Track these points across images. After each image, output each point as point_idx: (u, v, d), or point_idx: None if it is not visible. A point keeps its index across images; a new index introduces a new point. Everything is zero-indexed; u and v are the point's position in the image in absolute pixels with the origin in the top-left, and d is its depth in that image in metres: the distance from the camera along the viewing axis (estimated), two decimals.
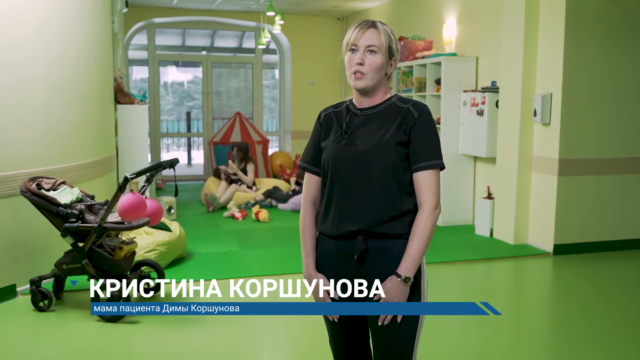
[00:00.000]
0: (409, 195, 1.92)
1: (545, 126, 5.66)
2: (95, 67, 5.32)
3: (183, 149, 14.25)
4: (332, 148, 1.97)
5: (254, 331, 3.90)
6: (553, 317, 4.26)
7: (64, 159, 4.73)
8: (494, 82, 6.36)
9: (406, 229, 1.91)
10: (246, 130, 9.85)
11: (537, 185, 5.80)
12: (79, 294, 4.38)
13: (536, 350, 3.63)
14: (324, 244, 2.03)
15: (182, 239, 5.25)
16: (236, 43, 12.15)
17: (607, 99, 5.63)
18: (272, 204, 7.98)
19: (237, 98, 11.61)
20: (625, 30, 5.60)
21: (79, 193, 4.18)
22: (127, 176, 3.79)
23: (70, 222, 3.86)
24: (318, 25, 11.09)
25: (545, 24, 5.61)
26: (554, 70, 5.51)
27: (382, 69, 1.93)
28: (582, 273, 5.17)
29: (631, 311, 4.23)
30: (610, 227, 5.79)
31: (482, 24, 6.87)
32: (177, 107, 13.17)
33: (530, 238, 5.93)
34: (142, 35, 10.82)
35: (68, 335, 3.73)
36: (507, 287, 5.08)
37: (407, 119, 1.92)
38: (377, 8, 9.73)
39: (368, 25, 1.93)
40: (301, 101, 11.24)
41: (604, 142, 5.67)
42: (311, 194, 2.07)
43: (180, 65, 13.31)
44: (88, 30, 5.14)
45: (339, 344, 2.09)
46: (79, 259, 3.94)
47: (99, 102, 5.42)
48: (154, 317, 3.98)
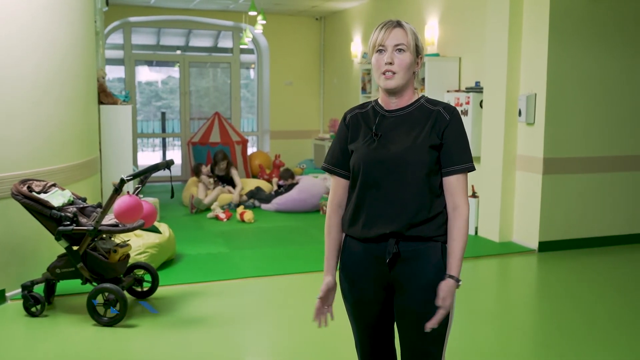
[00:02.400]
0: (437, 198, 1.93)
1: (529, 126, 5.76)
2: (80, 67, 5.23)
3: (157, 149, 14.08)
4: (363, 151, 1.96)
5: (252, 334, 3.89)
6: (538, 313, 4.34)
7: (52, 161, 4.64)
8: (478, 82, 6.45)
9: (436, 232, 1.92)
10: (225, 131, 9.78)
11: (522, 183, 5.90)
12: (71, 298, 4.31)
13: (522, 347, 3.69)
14: (351, 246, 2.02)
15: (171, 240, 5.20)
16: (211, 42, 12.06)
17: (591, 98, 5.75)
18: (255, 205, 7.95)
19: (210, 97, 11.52)
20: (608, 31, 5.73)
21: (71, 195, 4.10)
22: (123, 178, 3.74)
23: (64, 225, 3.79)
24: (296, 25, 11.08)
25: (529, 24, 5.71)
26: (538, 70, 5.61)
27: (411, 67, 1.93)
28: (567, 270, 5.27)
29: (615, 307, 4.33)
30: (593, 224, 5.92)
31: (465, 24, 6.96)
32: (145, 106, 12.99)
33: (515, 236, 6.03)
34: (116, 34, 10.66)
35: (64, 340, 3.66)
36: (492, 284, 5.16)
37: (438, 122, 1.93)
38: (356, 8, 9.77)
39: (394, 25, 1.93)
40: (279, 101, 11.23)
41: (587, 141, 5.79)
42: (337, 197, 2.06)
43: (153, 64, 13.16)
44: (73, 29, 5.05)
45: (365, 346, 2.09)
46: (73, 263, 3.87)
47: (84, 103, 5.32)
48: (150, 320, 3.94)
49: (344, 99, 10.34)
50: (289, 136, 11.32)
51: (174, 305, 4.21)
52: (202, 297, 4.41)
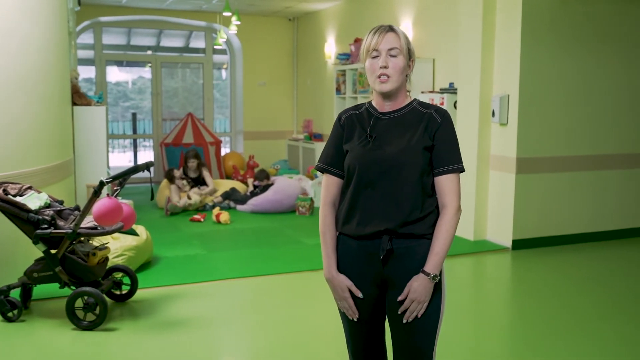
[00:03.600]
0: (429, 197, 1.99)
1: (502, 126, 5.87)
2: (54, 68, 5.15)
3: (128, 150, 13.91)
4: (359, 151, 2.00)
5: (231, 335, 3.89)
6: (513, 309, 4.43)
7: (26, 164, 4.57)
8: (452, 83, 6.54)
9: (429, 229, 1.98)
10: (198, 131, 9.73)
11: (496, 183, 6.01)
12: (48, 302, 4.25)
13: (498, 343, 3.77)
14: (345, 244, 2.06)
15: (149, 243, 5.17)
16: (183, 43, 11.98)
17: (562, 99, 5.89)
18: (231, 206, 7.93)
19: (179, 98, 11.44)
20: (579, 32, 5.87)
21: (47, 198, 4.05)
22: (102, 180, 3.71)
23: (42, 229, 3.74)
24: (269, 26, 11.08)
25: (501, 26, 5.82)
26: (511, 72, 5.72)
27: (404, 71, 1.99)
28: (540, 266, 5.39)
29: (586, 302, 4.45)
30: (565, 221, 6.06)
31: (438, 26, 7.05)
32: (113, 107, 12.83)
33: (489, 234, 6.14)
34: (85, 34, 10.52)
35: (42, 345, 3.61)
36: (467, 282, 5.23)
37: (430, 124, 1.99)
38: (330, 9, 9.81)
39: (386, 29, 1.98)
40: (253, 102, 11.21)
41: (559, 141, 5.93)
42: (331, 196, 2.09)
43: (123, 65, 13.01)
44: (46, 29, 4.98)
45: (357, 343, 2.13)
46: (51, 267, 3.82)
47: (57, 104, 5.25)
48: (130, 323, 3.92)
49: (318, 100, 10.38)
50: (262, 137, 11.31)
51: (153, 308, 4.19)
52: (180, 299, 4.39)
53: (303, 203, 7.58)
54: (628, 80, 6.20)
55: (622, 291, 4.70)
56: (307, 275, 5.01)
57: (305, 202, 7.58)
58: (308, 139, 10.15)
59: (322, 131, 10.12)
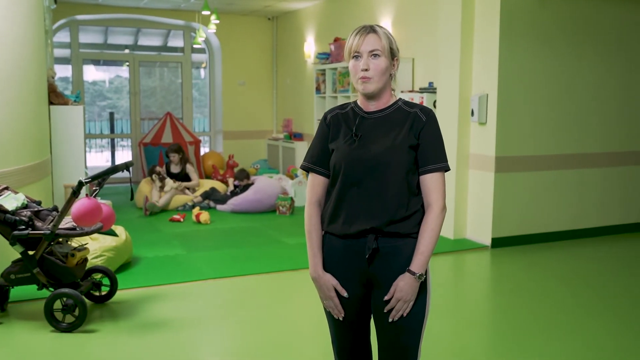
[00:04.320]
0: (415, 196, 1.99)
1: (481, 125, 5.92)
2: (30, 66, 5.07)
3: (105, 150, 13.75)
4: (344, 150, 2.00)
5: (212, 336, 3.87)
6: (492, 307, 4.47)
7: (2, 164, 4.48)
8: (431, 82, 6.58)
9: (414, 228, 1.98)
10: (177, 131, 9.67)
11: (475, 181, 6.06)
12: (25, 304, 4.19)
13: (477, 340, 3.80)
14: (331, 243, 2.05)
15: (128, 243, 5.12)
16: (161, 42, 11.88)
17: (540, 98, 5.96)
18: (211, 206, 7.89)
19: (157, 97, 11.35)
20: (556, 33, 5.94)
21: (24, 199, 3.99)
22: (81, 180, 3.67)
23: (19, 230, 3.68)
24: (248, 25, 11.05)
25: (480, 26, 5.87)
26: (490, 71, 5.78)
27: (387, 71, 1.99)
28: (519, 264, 5.45)
29: (565, 299, 4.51)
30: (544, 220, 6.14)
31: (417, 26, 7.09)
32: (89, 106, 12.68)
33: (468, 232, 6.19)
34: (62, 32, 10.38)
35: (21, 348, 3.55)
36: (447, 280, 5.27)
37: (416, 123, 2.00)
38: (309, 8, 9.80)
39: (367, 30, 1.98)
40: (232, 101, 11.17)
41: (538, 140, 6.00)
42: (317, 195, 2.09)
43: (100, 63, 12.87)
44: (22, 27, 4.90)
45: (342, 342, 2.13)
46: (29, 268, 3.77)
47: (34, 103, 5.17)
48: (110, 325, 3.87)
49: (297, 99, 10.37)
50: (242, 136, 11.27)
51: (134, 309, 4.15)
52: (161, 300, 4.36)
53: (283, 202, 7.57)
54: (608, 79, 6.29)
55: (603, 288, 4.77)
56: (288, 275, 5.00)
57: (285, 202, 7.56)
58: (288, 138, 10.14)
59: (302, 130, 10.12)
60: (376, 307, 2.03)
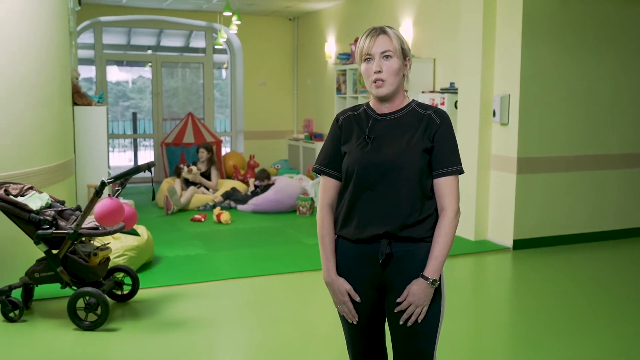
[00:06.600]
0: (428, 200, 1.97)
1: (503, 126, 5.87)
2: (55, 68, 5.15)
3: (128, 150, 13.89)
4: (357, 153, 1.98)
5: (232, 335, 3.89)
6: (514, 309, 4.43)
7: (27, 164, 4.56)
8: (452, 83, 6.54)
9: (428, 232, 1.96)
10: (199, 131, 9.74)
11: (496, 183, 6.00)
12: (49, 302, 4.25)
13: (499, 342, 3.77)
14: (344, 247, 2.04)
15: (150, 243, 5.17)
16: (183, 42, 11.97)
17: (563, 99, 5.89)
18: (231, 206, 7.93)
19: (179, 98, 11.43)
20: (579, 32, 5.87)
21: (49, 198, 4.05)
22: (104, 180, 3.71)
23: (43, 229, 3.74)
24: (269, 26, 11.08)
25: (502, 26, 5.82)
26: (512, 72, 5.72)
27: (399, 72, 1.96)
28: (541, 267, 5.39)
29: (587, 301, 4.46)
30: (565, 222, 6.06)
31: (439, 26, 7.05)
32: (112, 107, 12.83)
33: (490, 234, 6.13)
34: (85, 34, 10.51)
35: (44, 346, 3.61)
36: (468, 282, 5.24)
37: (430, 126, 1.97)
38: (330, 9, 9.81)
39: (378, 32, 1.96)
40: (253, 101, 11.21)
41: (560, 141, 5.92)
42: (329, 198, 2.06)
43: (123, 64, 13.01)
44: (47, 29, 4.98)
45: (357, 346, 2.11)
46: (52, 267, 3.82)
47: (58, 104, 5.25)
48: (132, 324, 3.92)
49: (318, 100, 10.38)
50: (263, 136, 11.31)
51: (155, 308, 4.19)
52: (181, 299, 4.39)
53: (304, 203, 7.58)
54: (628, 80, 6.20)
55: (622, 291, 4.70)
56: (308, 275, 5.02)
57: (305, 202, 7.58)
58: (308, 138, 10.15)
59: (322, 131, 10.12)
60: (390, 311, 2.01)
